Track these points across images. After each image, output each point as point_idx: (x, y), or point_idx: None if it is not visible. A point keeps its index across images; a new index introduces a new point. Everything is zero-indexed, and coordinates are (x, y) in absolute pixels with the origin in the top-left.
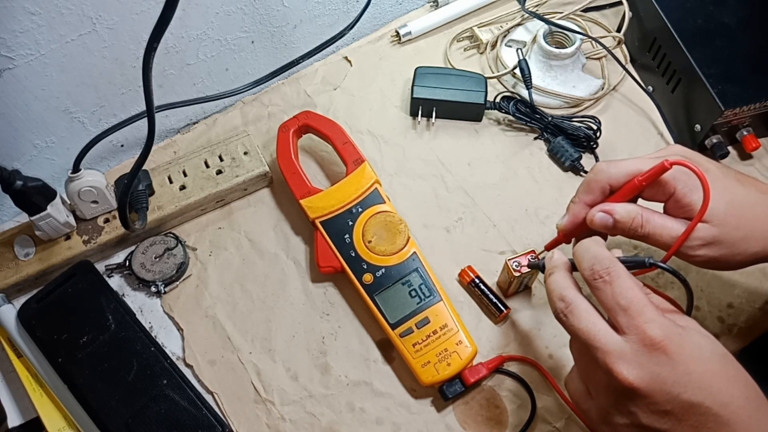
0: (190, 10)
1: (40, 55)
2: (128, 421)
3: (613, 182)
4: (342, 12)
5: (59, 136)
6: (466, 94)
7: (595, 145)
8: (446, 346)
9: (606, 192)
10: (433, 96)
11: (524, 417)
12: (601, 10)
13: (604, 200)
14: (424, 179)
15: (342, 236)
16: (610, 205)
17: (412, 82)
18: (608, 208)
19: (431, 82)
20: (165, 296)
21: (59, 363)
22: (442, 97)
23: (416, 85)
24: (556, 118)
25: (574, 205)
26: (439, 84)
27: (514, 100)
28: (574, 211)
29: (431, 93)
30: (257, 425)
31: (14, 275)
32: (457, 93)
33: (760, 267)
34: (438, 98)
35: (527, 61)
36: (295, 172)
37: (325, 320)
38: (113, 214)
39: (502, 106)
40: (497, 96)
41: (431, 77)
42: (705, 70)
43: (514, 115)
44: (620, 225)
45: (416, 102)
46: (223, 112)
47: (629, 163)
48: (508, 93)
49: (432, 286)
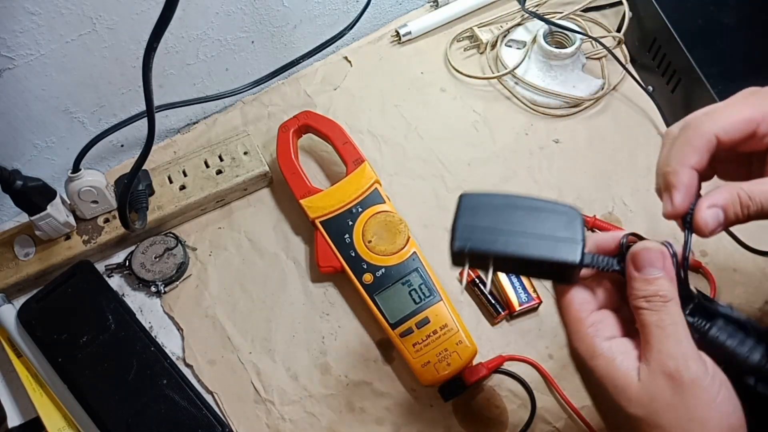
0: (190, 10)
1: (40, 55)
2: (128, 421)
3: (724, 134)
4: (342, 12)
5: (59, 136)
6: (547, 243)
7: None
8: (446, 346)
9: (712, 150)
10: (490, 248)
11: (524, 417)
12: (601, 10)
13: (710, 163)
14: (424, 179)
15: (342, 236)
16: (707, 197)
17: (454, 221)
18: (711, 200)
19: (487, 219)
20: (165, 296)
21: (59, 363)
22: (506, 249)
23: (462, 226)
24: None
25: (677, 174)
26: (502, 223)
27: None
28: (685, 181)
29: (487, 242)
30: (257, 425)
31: (14, 275)
32: (531, 241)
33: (760, 267)
34: (499, 251)
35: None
36: (295, 172)
37: (325, 320)
38: (113, 214)
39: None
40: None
41: (487, 212)
42: (705, 70)
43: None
44: (730, 214)
45: (461, 255)
46: (223, 112)
47: (736, 109)
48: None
49: (432, 286)
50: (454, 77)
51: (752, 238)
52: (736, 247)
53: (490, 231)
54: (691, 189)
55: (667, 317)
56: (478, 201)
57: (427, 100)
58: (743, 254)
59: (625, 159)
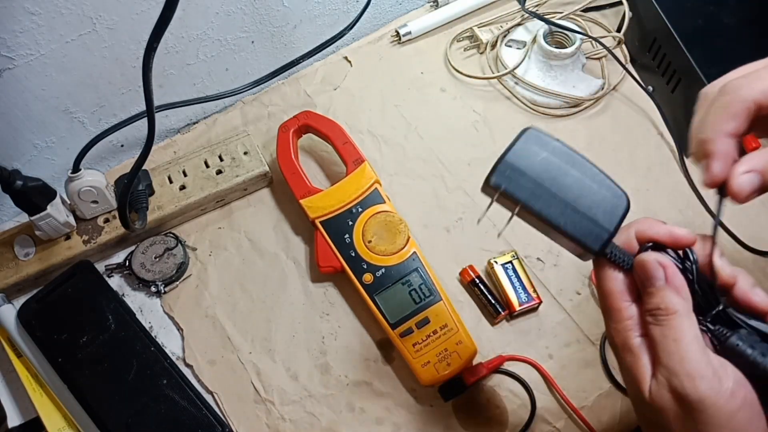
0: (190, 10)
1: (40, 55)
2: (128, 421)
3: (765, 98)
4: (342, 12)
5: (59, 136)
6: (578, 219)
7: None
8: (446, 346)
9: (752, 116)
10: (523, 198)
11: (524, 417)
12: (601, 10)
13: (750, 130)
14: (424, 179)
15: (342, 236)
16: (745, 161)
17: (506, 151)
18: (748, 165)
19: (537, 166)
20: (165, 296)
21: (59, 363)
22: (536, 206)
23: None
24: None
25: (714, 142)
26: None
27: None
28: (723, 149)
29: (523, 191)
30: (257, 425)
31: (14, 275)
32: (565, 211)
33: (760, 267)
34: (530, 205)
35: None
36: (295, 172)
37: (325, 320)
38: (113, 214)
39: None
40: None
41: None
42: (705, 70)
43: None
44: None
45: (493, 190)
46: (223, 112)
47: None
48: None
49: (432, 286)
50: (454, 77)
51: (752, 238)
52: (736, 247)
53: (531, 181)
54: (729, 157)
55: (669, 332)
56: (540, 141)
57: (427, 100)
58: (743, 254)
59: (625, 159)
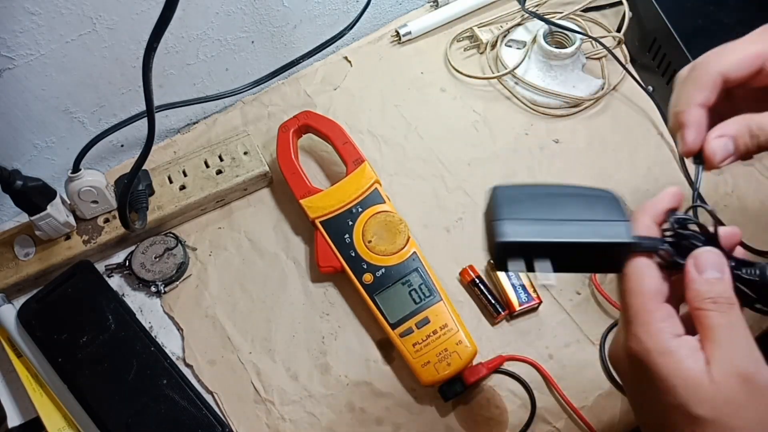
0: (190, 10)
1: (40, 55)
2: (128, 421)
3: (731, 71)
4: (342, 12)
5: (59, 136)
6: (593, 227)
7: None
8: (446, 346)
9: (719, 88)
10: (538, 238)
11: (524, 417)
12: (601, 10)
13: (719, 101)
14: (424, 179)
15: (342, 236)
16: (718, 127)
17: (491, 215)
18: (720, 131)
19: (528, 210)
20: (165, 296)
21: (59, 363)
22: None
23: (503, 219)
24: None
25: (686, 113)
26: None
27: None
28: (694, 119)
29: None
30: (257, 425)
31: (14, 275)
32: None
33: None
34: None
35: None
36: (295, 172)
37: (325, 320)
38: (113, 214)
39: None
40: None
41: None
42: None
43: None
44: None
45: (505, 250)
46: (223, 112)
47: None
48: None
49: (432, 286)
50: (454, 77)
51: (752, 238)
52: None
53: (532, 222)
54: (702, 126)
55: (736, 320)
56: (512, 192)
57: (427, 100)
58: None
59: (625, 159)
